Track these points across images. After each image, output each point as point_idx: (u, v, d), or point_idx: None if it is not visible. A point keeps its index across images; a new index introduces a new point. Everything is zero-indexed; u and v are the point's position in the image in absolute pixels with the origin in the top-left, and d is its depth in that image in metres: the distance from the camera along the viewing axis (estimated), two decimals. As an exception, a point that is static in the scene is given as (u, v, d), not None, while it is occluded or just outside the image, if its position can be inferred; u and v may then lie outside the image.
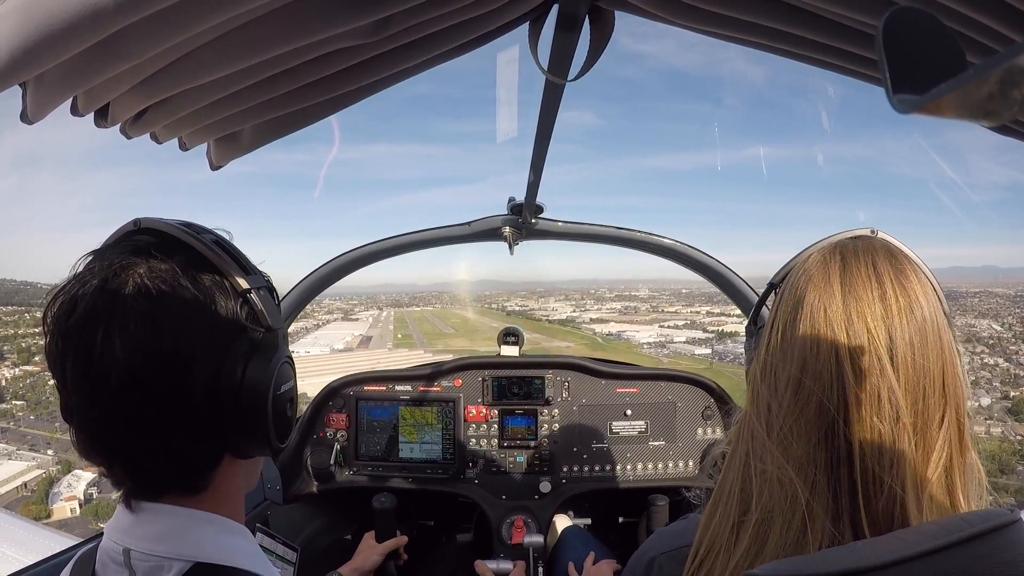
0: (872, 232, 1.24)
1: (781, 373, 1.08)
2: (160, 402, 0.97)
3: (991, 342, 67.52)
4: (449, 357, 3.50)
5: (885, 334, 1.04)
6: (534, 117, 1.84)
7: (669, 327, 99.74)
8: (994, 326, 72.97)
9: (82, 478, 45.01)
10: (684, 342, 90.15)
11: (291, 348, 1.19)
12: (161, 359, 0.96)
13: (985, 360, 64.30)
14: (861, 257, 1.10)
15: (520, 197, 2.79)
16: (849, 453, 1.02)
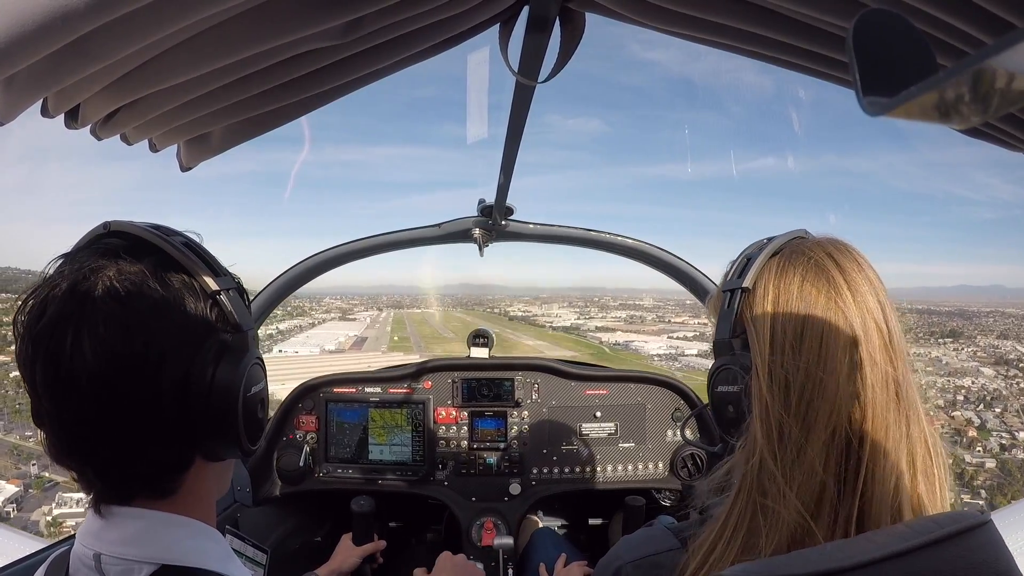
0: (806, 233, 1.27)
1: (793, 383, 1.08)
2: (130, 404, 0.97)
3: (1022, 365, 67.47)
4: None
5: (884, 324, 1.08)
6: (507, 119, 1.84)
7: (678, 338, 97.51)
8: (1019, 347, 73.39)
9: (3, 490, 43.31)
10: (696, 355, 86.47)
11: (280, 347, 1.19)
12: (131, 361, 0.95)
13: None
14: (846, 255, 1.13)
15: (492, 199, 2.79)
16: (859, 453, 1.03)
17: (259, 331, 1.13)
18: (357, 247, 3.26)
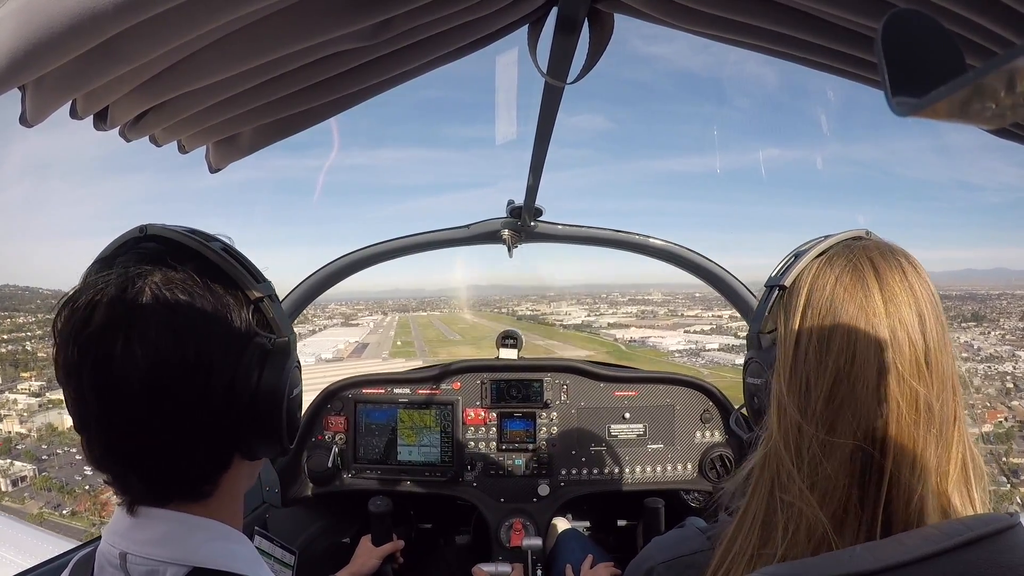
0: (867, 234, 1.24)
1: (815, 386, 1.06)
2: (180, 408, 0.98)
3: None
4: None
5: (921, 339, 1.04)
6: (534, 120, 1.83)
7: (696, 332, 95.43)
8: (1049, 330, 71.98)
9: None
10: (718, 349, 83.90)
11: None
12: (181, 367, 0.97)
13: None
14: (891, 261, 1.10)
15: (520, 200, 2.79)
16: (882, 464, 1.01)
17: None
18: (384, 248, 3.27)
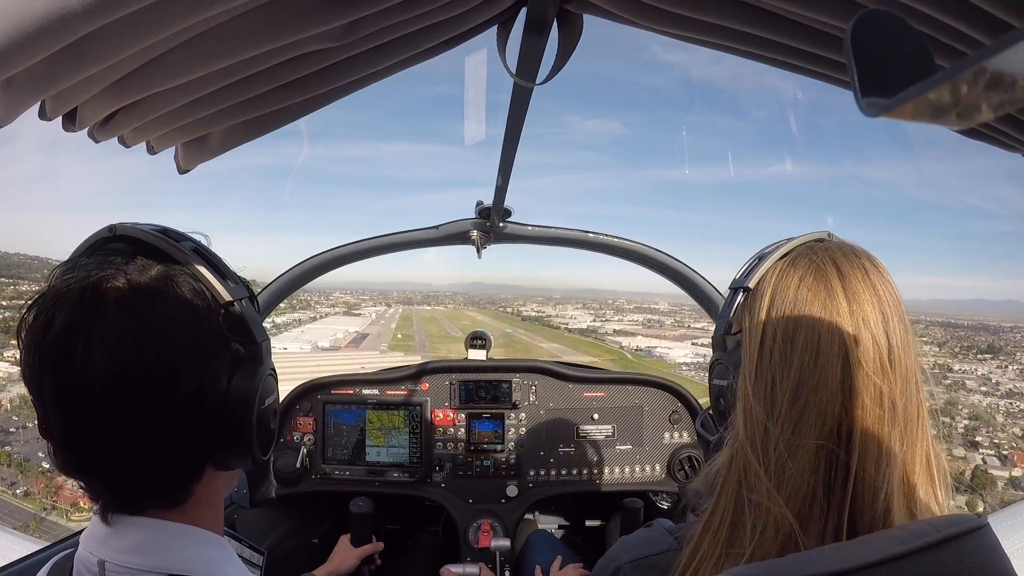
0: (829, 235, 1.25)
1: (779, 386, 1.07)
2: (142, 415, 0.96)
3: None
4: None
5: (884, 337, 1.05)
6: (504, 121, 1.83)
7: (703, 345, 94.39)
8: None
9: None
10: None
11: (273, 342, 1.18)
12: (143, 372, 0.94)
13: None
14: (854, 262, 1.11)
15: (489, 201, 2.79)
16: (847, 462, 1.02)
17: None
18: (354, 249, 3.26)
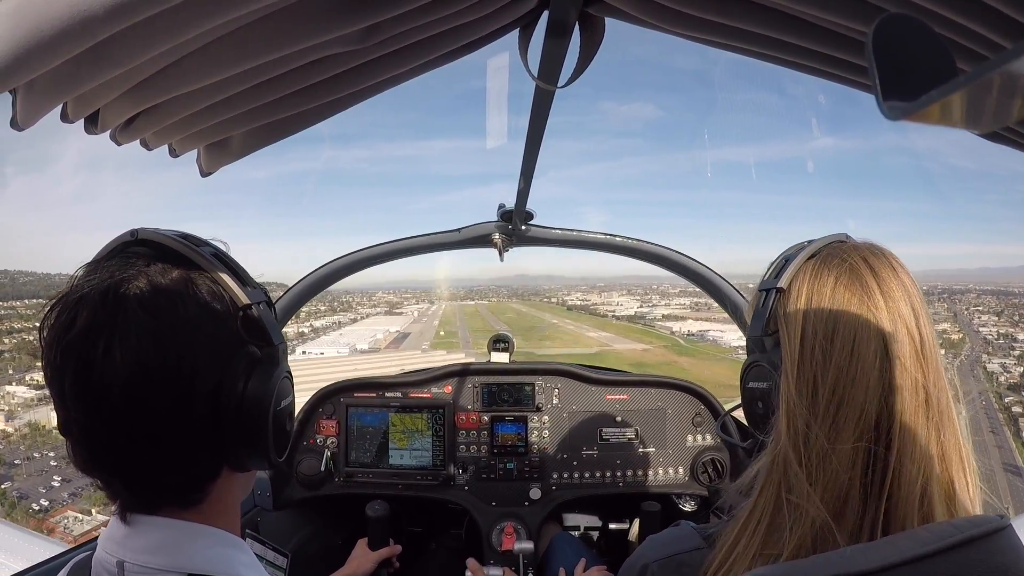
0: (847, 237, 1.27)
1: (822, 386, 1.08)
2: (161, 416, 0.97)
3: None
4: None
5: (917, 331, 1.07)
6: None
7: None
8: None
9: None
10: None
11: (304, 347, 1.20)
12: (162, 373, 0.96)
13: None
14: (882, 260, 1.14)
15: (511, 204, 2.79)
16: (886, 457, 1.03)
17: (290, 328, 1.14)
18: (375, 252, 3.26)
